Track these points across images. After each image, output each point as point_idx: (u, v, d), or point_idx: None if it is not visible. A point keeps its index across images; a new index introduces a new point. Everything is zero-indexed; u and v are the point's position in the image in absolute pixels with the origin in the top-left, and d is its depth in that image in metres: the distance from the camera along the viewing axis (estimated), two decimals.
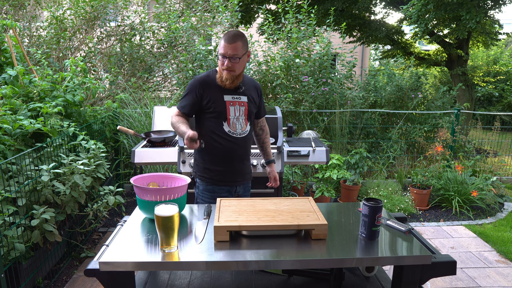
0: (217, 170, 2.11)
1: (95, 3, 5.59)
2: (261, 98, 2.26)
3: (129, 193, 4.58)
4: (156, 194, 1.56)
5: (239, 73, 2.04)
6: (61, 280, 2.81)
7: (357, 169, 4.37)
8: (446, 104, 5.96)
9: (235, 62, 1.98)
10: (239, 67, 2.01)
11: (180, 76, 5.33)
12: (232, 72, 2.01)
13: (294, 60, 5.26)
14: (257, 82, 2.27)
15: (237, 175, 2.17)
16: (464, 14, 6.85)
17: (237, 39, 1.96)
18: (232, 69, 2.00)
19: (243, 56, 2.00)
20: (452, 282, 2.81)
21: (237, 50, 1.96)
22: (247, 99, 2.13)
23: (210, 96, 2.05)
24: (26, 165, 2.47)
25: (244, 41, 2.00)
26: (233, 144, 2.09)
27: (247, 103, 2.12)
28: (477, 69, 12.68)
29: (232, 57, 1.96)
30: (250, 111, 2.14)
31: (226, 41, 1.95)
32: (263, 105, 2.28)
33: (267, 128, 2.36)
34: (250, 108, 2.14)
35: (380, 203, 1.41)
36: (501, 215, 4.16)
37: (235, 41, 1.95)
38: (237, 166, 2.15)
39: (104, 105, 4.46)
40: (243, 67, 2.06)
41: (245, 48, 2.01)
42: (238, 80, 2.07)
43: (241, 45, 1.97)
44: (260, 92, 2.25)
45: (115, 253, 1.32)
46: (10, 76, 3.15)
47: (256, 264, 1.30)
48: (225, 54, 1.96)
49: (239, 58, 1.97)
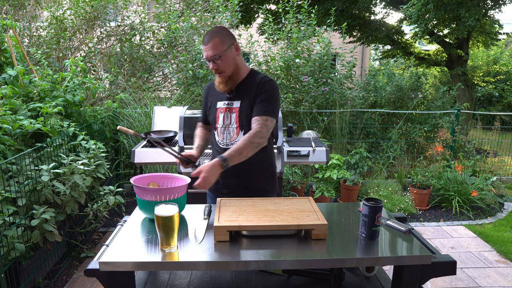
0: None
1: (95, 3, 5.59)
2: (263, 93, 1.81)
3: (129, 193, 4.58)
4: (156, 194, 1.56)
5: (230, 73, 1.82)
6: (61, 280, 2.81)
7: (357, 169, 4.37)
8: (446, 104, 5.97)
9: (219, 62, 1.76)
10: (226, 65, 1.78)
11: (180, 76, 5.33)
12: (222, 73, 1.80)
13: (294, 60, 5.26)
14: (264, 78, 1.84)
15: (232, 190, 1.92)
16: (464, 12, 6.85)
17: (213, 37, 1.74)
18: (220, 70, 1.79)
19: (224, 52, 1.75)
20: (452, 282, 2.81)
21: (215, 49, 1.73)
22: (240, 104, 1.85)
23: (210, 103, 1.96)
24: (26, 165, 2.47)
25: (223, 35, 1.76)
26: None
27: (238, 109, 1.85)
28: (477, 69, 12.68)
29: (213, 57, 1.75)
30: (242, 118, 1.85)
31: (203, 44, 1.77)
32: (261, 102, 1.81)
33: (255, 130, 1.76)
34: (243, 114, 1.85)
35: (380, 203, 1.41)
36: (501, 215, 4.16)
37: (210, 40, 1.74)
38: (229, 181, 1.89)
39: (104, 105, 4.46)
40: (233, 64, 1.81)
41: (225, 44, 1.76)
42: (233, 81, 1.86)
43: (219, 41, 1.74)
44: (260, 88, 1.82)
45: (115, 253, 1.32)
46: (10, 76, 3.15)
47: (256, 264, 1.30)
48: (206, 57, 1.77)
49: (220, 56, 1.74)
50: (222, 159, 1.66)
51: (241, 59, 1.88)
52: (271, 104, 1.80)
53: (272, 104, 1.81)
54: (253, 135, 1.74)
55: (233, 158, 1.68)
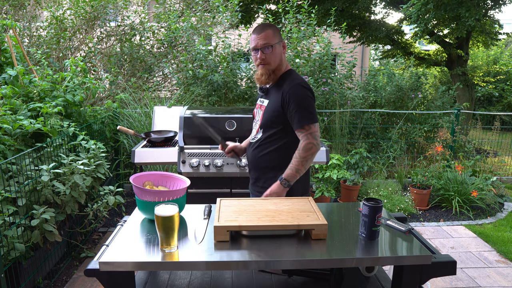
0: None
1: (95, 3, 5.59)
2: (290, 104, 1.80)
3: (129, 193, 4.58)
4: (155, 196, 1.55)
5: (275, 67, 1.86)
6: (61, 280, 2.81)
7: (357, 169, 4.37)
8: (446, 104, 5.97)
9: (268, 52, 1.81)
10: (273, 58, 1.83)
11: (180, 76, 5.33)
12: (267, 65, 1.84)
13: (294, 60, 5.26)
14: (290, 85, 1.82)
15: (252, 184, 2.08)
16: (464, 12, 6.85)
17: (267, 28, 1.83)
18: (267, 62, 1.83)
19: (276, 45, 1.82)
20: (452, 282, 2.81)
21: (268, 39, 1.80)
22: (268, 103, 1.91)
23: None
24: (26, 165, 2.47)
25: (275, 29, 1.84)
26: (248, 150, 2.05)
27: (265, 108, 1.91)
28: (477, 69, 12.68)
29: (264, 47, 1.80)
30: (266, 118, 1.89)
31: (255, 33, 1.83)
32: (294, 113, 1.80)
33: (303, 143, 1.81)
34: (266, 113, 1.90)
35: (380, 203, 1.41)
36: (501, 215, 4.16)
37: (264, 30, 1.81)
38: (251, 174, 2.06)
39: (104, 105, 4.46)
40: (279, 59, 1.86)
41: (277, 37, 1.84)
42: (275, 76, 1.89)
43: (272, 33, 1.81)
44: (288, 98, 1.81)
45: (115, 253, 1.32)
46: (10, 76, 3.15)
47: (256, 264, 1.30)
48: (256, 46, 1.82)
49: (271, 47, 1.80)
50: (281, 180, 1.82)
51: (285, 59, 1.94)
52: (303, 111, 1.81)
53: (305, 110, 1.81)
54: (302, 150, 1.81)
55: (292, 177, 1.82)
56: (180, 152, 2.77)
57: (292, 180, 1.82)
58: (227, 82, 4.96)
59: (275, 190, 1.82)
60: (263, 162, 1.95)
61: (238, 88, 5.09)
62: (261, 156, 1.95)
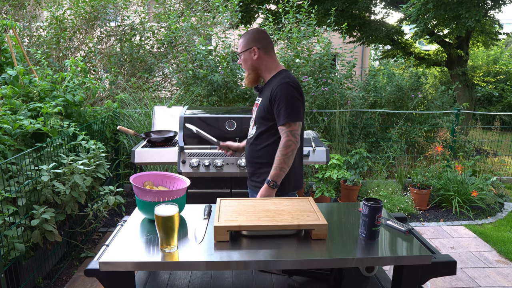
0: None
1: (95, 3, 5.59)
2: (276, 101, 1.86)
3: (129, 193, 4.58)
4: (155, 196, 1.56)
5: (249, 72, 2.02)
6: (61, 280, 2.81)
7: (357, 169, 4.37)
8: (446, 104, 5.96)
9: (240, 61, 2.03)
10: (245, 65, 2.01)
11: (180, 76, 5.33)
12: (247, 71, 2.04)
13: (294, 60, 5.26)
14: (277, 84, 1.88)
15: (248, 179, 2.14)
16: (464, 12, 6.85)
17: (242, 37, 2.01)
18: (244, 68, 2.04)
19: (242, 53, 1.99)
20: (452, 282, 2.81)
21: (239, 48, 2.01)
22: (260, 101, 2.03)
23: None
24: (26, 165, 2.47)
25: (246, 37, 1.98)
26: (246, 146, 2.15)
27: (258, 105, 2.04)
28: (477, 69, 12.68)
29: (237, 55, 2.03)
30: (258, 114, 2.01)
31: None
32: (278, 110, 1.87)
33: (283, 141, 1.86)
34: (259, 110, 2.00)
35: (380, 203, 1.41)
36: (501, 215, 4.16)
37: (240, 39, 2.01)
38: (247, 169, 2.14)
39: (104, 105, 4.46)
40: (250, 65, 1.99)
41: (246, 45, 1.97)
42: (252, 80, 2.03)
43: (242, 42, 1.99)
44: (274, 96, 1.87)
45: (115, 253, 1.32)
46: (10, 76, 3.15)
47: (256, 264, 1.30)
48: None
49: (239, 56, 2.01)
50: (268, 182, 1.87)
51: (262, 63, 1.98)
52: (287, 109, 1.85)
53: (288, 108, 1.85)
54: (282, 148, 1.86)
55: (277, 176, 1.86)
56: (180, 152, 2.77)
57: (279, 180, 1.87)
58: (227, 82, 4.96)
59: (264, 193, 1.87)
60: (257, 157, 2.02)
61: (238, 88, 5.09)
62: (255, 152, 2.03)
